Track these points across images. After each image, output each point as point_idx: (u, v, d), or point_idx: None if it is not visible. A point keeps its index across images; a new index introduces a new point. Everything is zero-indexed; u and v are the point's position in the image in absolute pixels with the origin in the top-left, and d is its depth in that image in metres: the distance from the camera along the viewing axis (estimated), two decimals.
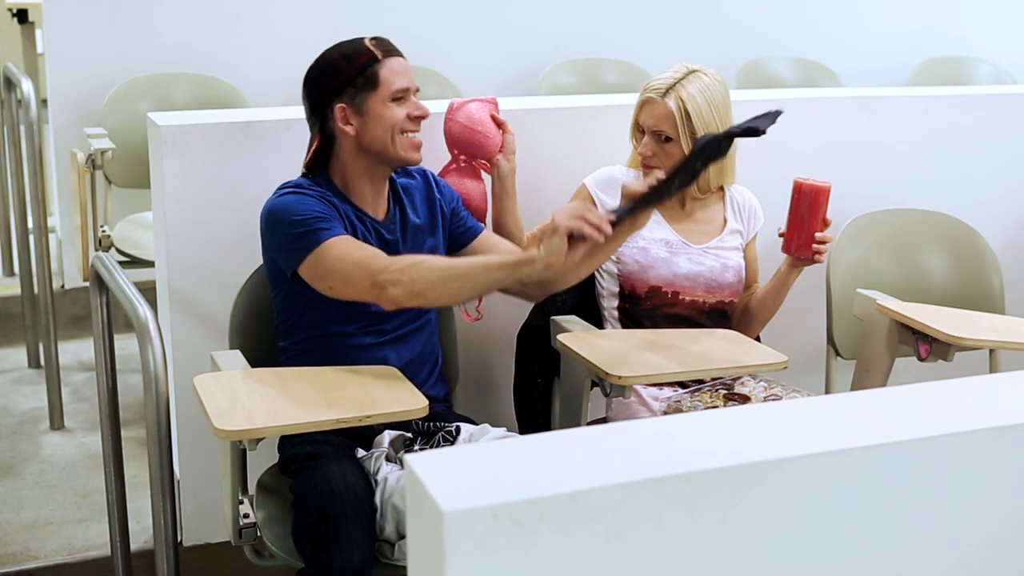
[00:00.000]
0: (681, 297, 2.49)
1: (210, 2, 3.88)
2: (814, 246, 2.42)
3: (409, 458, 1.10)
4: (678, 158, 2.44)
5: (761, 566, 1.16)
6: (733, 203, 2.60)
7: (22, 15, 4.56)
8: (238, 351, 2.19)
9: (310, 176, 2.26)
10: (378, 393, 1.98)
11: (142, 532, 2.68)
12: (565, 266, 2.00)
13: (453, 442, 2.15)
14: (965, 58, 4.81)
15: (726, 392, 2.43)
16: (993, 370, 2.66)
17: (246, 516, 2.04)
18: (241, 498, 2.05)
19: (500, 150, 2.48)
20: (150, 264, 2.98)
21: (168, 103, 3.59)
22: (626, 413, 2.43)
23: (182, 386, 2.42)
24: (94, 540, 2.73)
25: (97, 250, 3.18)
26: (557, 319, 2.37)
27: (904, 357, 2.52)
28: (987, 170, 3.27)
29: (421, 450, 2.12)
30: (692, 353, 2.23)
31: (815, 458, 1.16)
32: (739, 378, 2.47)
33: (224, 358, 2.13)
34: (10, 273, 4.21)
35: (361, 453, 2.12)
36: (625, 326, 2.50)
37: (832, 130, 3.09)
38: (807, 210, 2.41)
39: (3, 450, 3.19)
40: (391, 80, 2.20)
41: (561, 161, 2.74)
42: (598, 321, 2.53)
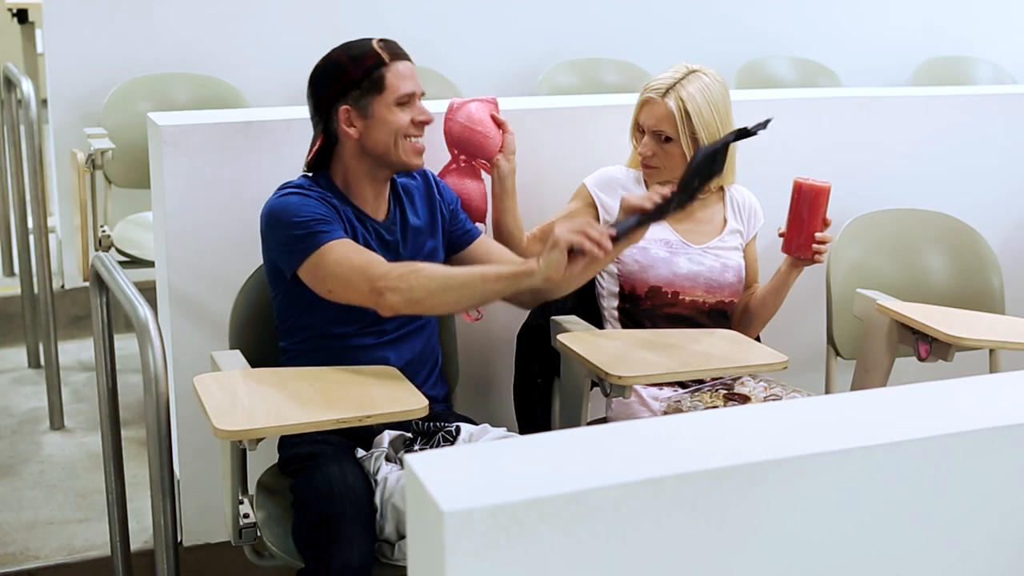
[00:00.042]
0: (681, 297, 2.49)
1: (210, 2, 3.88)
2: (814, 246, 2.42)
3: (409, 458, 1.10)
4: (678, 158, 2.45)
5: (761, 566, 1.16)
6: (733, 203, 2.60)
7: (22, 15, 4.56)
8: (238, 351, 2.19)
9: (311, 176, 2.26)
10: (378, 393, 1.98)
11: (142, 532, 2.68)
12: (563, 279, 2.01)
13: (453, 442, 2.15)
14: (965, 58, 4.81)
15: (726, 392, 2.43)
16: (993, 370, 2.66)
17: (246, 516, 2.04)
18: (241, 498, 2.05)
19: (500, 150, 2.48)
20: (150, 264, 2.98)
21: (168, 103, 3.59)
22: (626, 413, 2.43)
23: (182, 386, 2.42)
24: (94, 540, 2.73)
25: (97, 250, 3.18)
26: (557, 319, 2.37)
27: (904, 357, 2.52)
28: (987, 170, 3.27)
29: (421, 450, 2.12)
30: (692, 353, 2.23)
31: (815, 458, 1.16)
32: (739, 378, 2.47)
33: (224, 358, 2.13)
34: (10, 273, 4.21)
35: (361, 453, 2.12)
36: (625, 326, 2.50)
37: (832, 130, 3.09)
38: (807, 210, 2.41)
39: (3, 450, 3.19)
40: (397, 84, 2.19)
41: (561, 161, 2.74)
42: (598, 321, 2.53)
